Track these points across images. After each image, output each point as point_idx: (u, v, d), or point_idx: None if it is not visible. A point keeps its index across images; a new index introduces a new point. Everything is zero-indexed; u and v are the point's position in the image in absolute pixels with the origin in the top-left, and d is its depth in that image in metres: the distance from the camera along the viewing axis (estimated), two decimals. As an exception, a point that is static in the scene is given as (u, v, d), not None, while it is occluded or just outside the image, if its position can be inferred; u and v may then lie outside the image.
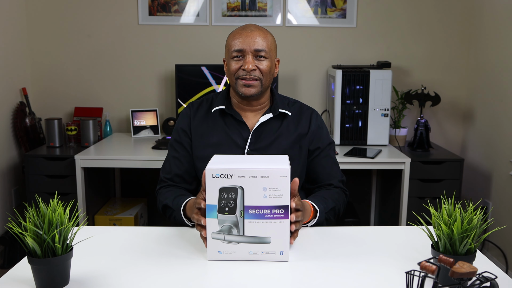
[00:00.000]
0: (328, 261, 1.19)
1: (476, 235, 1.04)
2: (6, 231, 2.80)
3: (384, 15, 3.16)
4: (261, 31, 1.52)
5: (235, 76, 1.52)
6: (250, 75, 1.49)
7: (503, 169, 2.77)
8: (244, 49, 1.49)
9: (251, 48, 1.49)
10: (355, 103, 2.88)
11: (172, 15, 3.14)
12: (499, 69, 2.82)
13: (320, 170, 1.60)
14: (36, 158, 2.71)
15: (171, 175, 1.59)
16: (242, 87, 1.51)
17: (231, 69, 1.52)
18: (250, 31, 1.50)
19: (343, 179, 1.63)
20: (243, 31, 1.51)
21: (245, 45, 1.49)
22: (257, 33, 1.50)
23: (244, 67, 1.49)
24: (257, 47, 1.49)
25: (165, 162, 1.63)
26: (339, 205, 1.54)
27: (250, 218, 1.15)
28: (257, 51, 1.49)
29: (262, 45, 1.50)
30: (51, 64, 3.19)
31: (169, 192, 1.54)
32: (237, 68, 1.51)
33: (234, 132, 1.57)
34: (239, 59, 1.51)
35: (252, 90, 1.51)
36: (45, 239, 1.00)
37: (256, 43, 1.49)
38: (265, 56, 1.50)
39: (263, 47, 1.49)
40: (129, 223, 2.90)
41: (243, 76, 1.50)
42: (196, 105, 1.64)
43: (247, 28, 1.52)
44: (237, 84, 1.52)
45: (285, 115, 1.60)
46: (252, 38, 1.49)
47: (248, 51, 1.49)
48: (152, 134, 3.14)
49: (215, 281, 1.10)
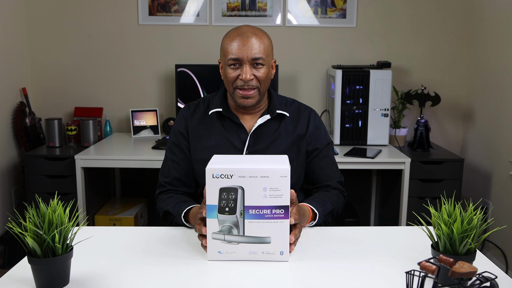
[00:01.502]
0: (328, 261, 1.19)
1: (476, 235, 1.04)
2: (6, 231, 2.80)
3: (384, 15, 3.16)
4: (257, 36, 1.47)
5: (233, 85, 1.50)
6: (248, 85, 1.47)
7: (503, 169, 2.77)
8: (241, 58, 1.45)
9: (248, 57, 1.45)
10: (355, 103, 2.88)
11: (172, 15, 3.14)
12: (499, 69, 2.82)
13: (319, 171, 1.60)
14: (36, 158, 2.71)
15: (170, 178, 1.58)
16: (240, 98, 1.49)
17: (228, 76, 1.49)
18: (246, 38, 1.45)
19: (342, 180, 1.62)
20: (239, 38, 1.45)
21: (242, 54, 1.44)
22: (254, 39, 1.45)
23: (242, 77, 1.46)
24: (254, 55, 1.45)
25: (163, 165, 1.61)
26: (338, 207, 1.54)
27: (250, 218, 1.15)
28: (254, 60, 1.46)
29: (260, 52, 1.46)
30: (51, 64, 3.19)
31: (169, 198, 1.53)
32: (235, 78, 1.48)
33: (232, 134, 1.56)
34: (236, 67, 1.48)
35: (250, 101, 1.50)
36: (45, 239, 1.00)
37: (253, 51, 1.45)
38: (262, 63, 1.48)
39: (260, 55, 1.46)
40: (129, 223, 2.90)
41: (241, 86, 1.48)
42: (193, 107, 1.62)
43: (243, 34, 1.46)
44: (235, 94, 1.50)
45: (283, 116, 1.59)
46: (248, 46, 1.44)
47: (245, 60, 1.45)
48: (152, 134, 3.14)
49: (215, 281, 1.10)
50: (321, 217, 1.43)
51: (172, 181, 1.58)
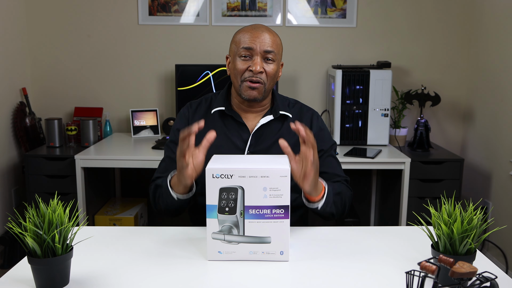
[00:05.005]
0: (328, 261, 1.19)
1: (476, 235, 1.04)
2: (6, 231, 2.80)
3: (384, 15, 3.16)
4: (271, 33, 1.50)
5: (241, 77, 1.49)
6: (256, 77, 1.47)
7: (503, 169, 2.77)
8: (254, 48, 1.46)
9: (261, 48, 1.46)
10: (355, 103, 2.88)
11: (172, 15, 3.14)
12: (499, 69, 2.82)
13: (325, 170, 1.58)
14: (36, 158, 2.71)
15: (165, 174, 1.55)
16: (247, 89, 1.48)
17: (237, 68, 1.48)
18: (261, 31, 1.48)
19: (348, 179, 1.61)
20: (254, 30, 1.48)
21: (255, 44, 1.46)
22: (268, 34, 1.48)
23: (251, 68, 1.46)
24: (267, 47, 1.46)
25: (160, 162, 1.60)
26: (345, 196, 1.50)
27: (250, 218, 1.15)
28: (267, 52, 1.47)
29: (272, 46, 1.47)
30: (51, 64, 3.19)
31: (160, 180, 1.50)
32: (244, 69, 1.48)
33: (234, 134, 1.55)
34: (247, 59, 1.48)
35: (255, 93, 1.48)
36: (45, 239, 1.00)
37: (266, 44, 1.46)
38: (273, 59, 1.48)
39: (272, 49, 1.47)
40: (129, 223, 2.90)
41: (249, 77, 1.47)
42: (194, 105, 1.62)
43: (257, 28, 1.49)
44: (242, 86, 1.49)
45: (285, 117, 1.58)
46: (262, 38, 1.46)
47: (258, 51, 1.46)
48: (152, 134, 3.14)
49: (215, 281, 1.10)
50: (330, 194, 1.37)
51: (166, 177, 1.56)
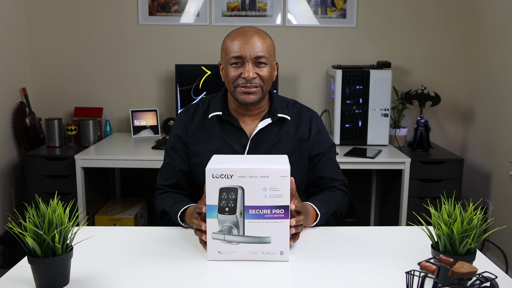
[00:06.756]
0: (328, 261, 1.19)
1: (476, 235, 1.04)
2: (6, 231, 2.80)
3: (384, 15, 3.16)
4: (260, 35, 1.45)
5: (234, 84, 1.46)
6: (250, 83, 1.44)
7: (503, 169, 2.77)
8: (244, 55, 1.42)
9: (251, 55, 1.42)
10: (355, 103, 2.88)
11: (172, 15, 3.14)
12: (499, 69, 2.82)
13: (323, 174, 1.58)
14: (36, 158, 2.71)
15: (168, 182, 1.58)
16: (242, 94, 1.46)
17: (229, 76, 1.46)
18: (249, 36, 1.43)
19: (346, 182, 1.61)
20: (242, 36, 1.43)
21: (245, 52, 1.42)
22: (256, 38, 1.43)
23: (244, 76, 1.43)
24: (257, 53, 1.43)
25: (161, 169, 1.61)
26: (341, 208, 1.53)
27: (250, 218, 1.15)
28: (257, 58, 1.43)
29: (262, 50, 1.43)
30: (51, 64, 3.19)
31: (167, 197, 1.53)
32: (236, 76, 1.45)
33: (232, 138, 1.53)
34: (238, 66, 1.45)
35: (252, 97, 1.46)
36: (45, 239, 1.00)
37: (256, 49, 1.42)
38: (265, 63, 1.45)
39: (263, 53, 1.43)
40: (129, 223, 2.90)
41: (243, 84, 1.45)
42: (192, 110, 1.60)
43: (245, 33, 1.44)
44: (236, 91, 1.46)
45: (284, 119, 1.56)
46: (251, 44, 1.42)
47: (248, 58, 1.43)
48: (152, 134, 3.14)
49: (215, 281, 1.10)
50: (323, 218, 1.42)
51: (170, 185, 1.58)
